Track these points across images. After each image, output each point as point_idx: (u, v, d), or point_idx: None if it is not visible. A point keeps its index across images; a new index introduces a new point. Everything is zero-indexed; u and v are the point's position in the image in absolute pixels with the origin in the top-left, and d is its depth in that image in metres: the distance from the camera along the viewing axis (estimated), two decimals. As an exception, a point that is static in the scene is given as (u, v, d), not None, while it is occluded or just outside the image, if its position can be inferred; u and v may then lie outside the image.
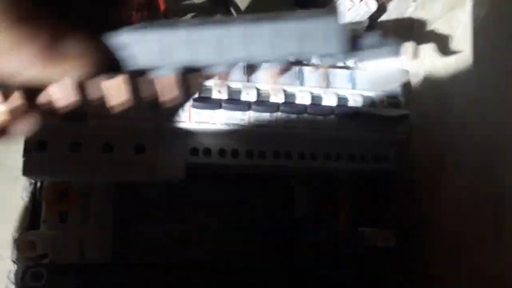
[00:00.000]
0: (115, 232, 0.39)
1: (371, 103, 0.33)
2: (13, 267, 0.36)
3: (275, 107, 0.31)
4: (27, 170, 0.29)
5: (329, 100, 0.32)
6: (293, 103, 0.32)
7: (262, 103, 0.31)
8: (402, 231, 0.39)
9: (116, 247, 0.40)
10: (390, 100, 0.34)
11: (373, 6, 0.40)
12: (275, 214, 0.47)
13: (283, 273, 0.35)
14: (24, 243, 0.29)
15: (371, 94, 0.34)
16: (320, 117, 0.32)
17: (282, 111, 0.32)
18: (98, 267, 0.32)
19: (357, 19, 0.42)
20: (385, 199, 0.43)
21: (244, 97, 0.31)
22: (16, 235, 0.38)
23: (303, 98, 0.32)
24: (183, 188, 0.45)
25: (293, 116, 0.32)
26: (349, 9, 0.42)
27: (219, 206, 0.46)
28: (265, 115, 0.31)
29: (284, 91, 0.32)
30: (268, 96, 0.32)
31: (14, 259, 0.37)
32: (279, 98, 0.32)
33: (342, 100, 0.33)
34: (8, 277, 0.36)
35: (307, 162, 0.34)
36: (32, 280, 0.30)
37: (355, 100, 0.33)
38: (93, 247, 0.38)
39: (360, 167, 0.35)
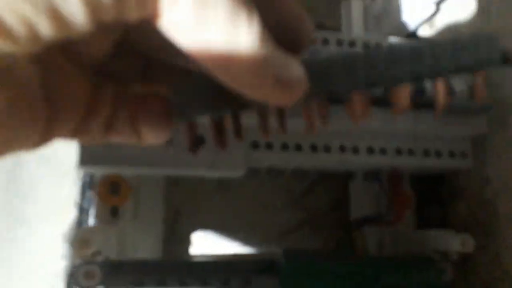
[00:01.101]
0: (165, 228, 0.38)
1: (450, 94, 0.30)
2: (62, 264, 0.35)
3: None
4: (83, 161, 0.27)
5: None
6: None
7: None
8: (473, 234, 0.35)
9: (165, 243, 0.39)
10: (469, 91, 0.31)
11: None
12: (328, 214, 0.45)
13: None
14: (78, 240, 0.27)
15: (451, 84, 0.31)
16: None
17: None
18: (153, 264, 0.31)
19: (425, 4, 0.39)
20: (452, 198, 0.40)
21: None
22: (66, 231, 0.37)
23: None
24: (233, 183, 0.44)
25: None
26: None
27: (270, 203, 0.44)
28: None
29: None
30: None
31: (64, 256, 0.36)
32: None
33: (418, 91, 0.30)
34: (56, 275, 0.35)
35: (375, 158, 0.31)
36: (85, 278, 0.29)
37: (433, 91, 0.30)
38: (144, 243, 0.37)
39: (433, 164, 0.32)
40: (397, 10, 0.42)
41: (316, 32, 0.32)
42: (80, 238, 0.27)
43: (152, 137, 0.16)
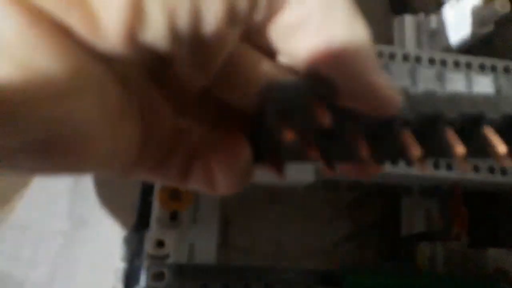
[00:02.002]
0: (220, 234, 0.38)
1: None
2: (121, 266, 0.36)
3: None
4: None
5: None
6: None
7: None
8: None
9: (220, 249, 0.40)
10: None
11: (505, 8, 0.37)
12: (377, 228, 0.45)
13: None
14: (154, 241, 0.28)
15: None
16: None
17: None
18: (218, 269, 0.31)
19: (483, 22, 0.39)
20: (507, 217, 0.40)
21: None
22: (126, 234, 0.38)
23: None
24: (282, 194, 0.44)
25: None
26: (473, 11, 0.40)
27: (319, 215, 0.44)
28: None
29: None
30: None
31: (123, 258, 0.37)
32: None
33: None
34: (115, 275, 0.36)
35: (441, 173, 0.31)
36: (153, 279, 0.29)
37: None
38: (200, 249, 0.37)
39: (498, 181, 0.32)
40: (451, 27, 0.42)
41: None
42: (156, 239, 0.28)
43: (227, 186, 0.15)
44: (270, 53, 0.14)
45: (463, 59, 0.33)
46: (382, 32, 0.50)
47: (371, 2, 0.54)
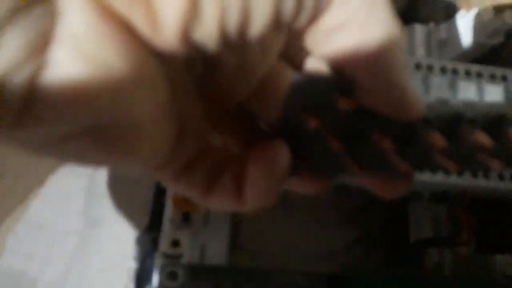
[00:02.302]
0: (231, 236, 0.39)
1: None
2: (133, 265, 0.37)
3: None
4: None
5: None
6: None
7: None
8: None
9: (231, 251, 0.40)
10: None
11: (515, 19, 0.38)
12: (384, 233, 0.45)
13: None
14: (170, 240, 0.29)
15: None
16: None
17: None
18: (231, 270, 0.32)
19: (492, 33, 0.40)
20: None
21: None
22: (139, 234, 0.38)
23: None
24: (290, 198, 0.45)
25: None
26: (482, 23, 0.40)
27: (326, 219, 0.44)
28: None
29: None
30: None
31: (135, 258, 0.37)
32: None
33: None
34: (128, 275, 0.37)
35: (452, 179, 0.32)
36: (168, 278, 0.30)
37: None
38: (212, 250, 0.38)
39: (508, 187, 0.33)
40: (461, 37, 0.43)
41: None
42: (171, 238, 0.28)
43: (256, 201, 0.14)
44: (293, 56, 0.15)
45: (474, 68, 0.34)
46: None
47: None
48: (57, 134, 0.11)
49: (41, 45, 0.09)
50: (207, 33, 0.11)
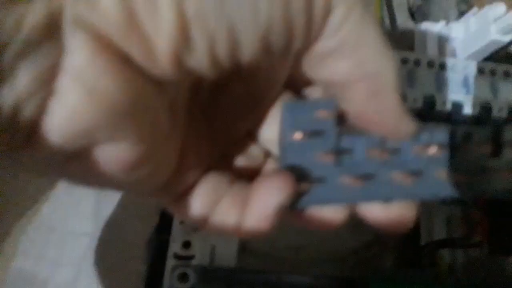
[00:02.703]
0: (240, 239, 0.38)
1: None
2: (143, 268, 0.37)
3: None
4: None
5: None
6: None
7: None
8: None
9: (240, 254, 0.40)
10: None
11: (529, 16, 0.37)
12: (396, 235, 0.45)
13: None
14: (179, 241, 0.28)
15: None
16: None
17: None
18: (243, 272, 0.31)
19: (505, 30, 0.39)
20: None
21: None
22: (148, 235, 0.38)
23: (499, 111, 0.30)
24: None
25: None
26: (495, 20, 0.40)
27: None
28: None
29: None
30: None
31: (144, 259, 0.37)
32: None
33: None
34: (137, 278, 0.37)
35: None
36: (179, 280, 0.30)
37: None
38: (221, 252, 0.38)
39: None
40: (474, 34, 0.42)
41: (393, 51, 0.33)
42: (183, 239, 0.28)
43: (255, 230, 0.14)
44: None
45: (487, 66, 0.33)
46: (403, 40, 0.50)
47: (390, 9, 0.54)
48: (60, 157, 0.12)
49: (49, 77, 0.10)
50: (199, 60, 0.11)
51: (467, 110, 0.30)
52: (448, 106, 0.30)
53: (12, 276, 0.34)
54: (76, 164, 0.12)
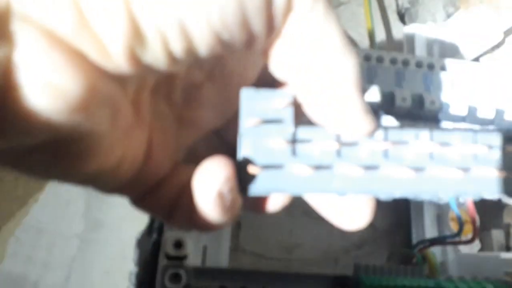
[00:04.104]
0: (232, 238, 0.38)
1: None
2: (134, 269, 0.36)
3: (460, 118, 0.30)
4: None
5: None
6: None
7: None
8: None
9: (232, 253, 0.40)
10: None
11: (513, 18, 0.38)
12: (390, 233, 0.45)
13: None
14: (171, 241, 0.28)
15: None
16: None
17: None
18: (235, 272, 0.31)
19: (490, 31, 0.40)
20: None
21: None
22: (138, 236, 0.38)
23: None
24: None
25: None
26: (480, 22, 0.41)
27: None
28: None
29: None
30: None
31: (135, 261, 0.37)
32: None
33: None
34: (129, 279, 0.36)
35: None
36: (171, 281, 0.30)
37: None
38: (213, 252, 0.37)
39: None
40: (460, 36, 0.43)
41: (383, 52, 0.34)
42: (175, 239, 0.28)
43: (207, 222, 0.14)
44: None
45: (471, 66, 0.34)
46: (392, 41, 0.51)
47: (380, 12, 0.55)
48: (20, 149, 0.12)
49: (4, 70, 0.11)
50: (155, 56, 0.12)
51: (455, 110, 0.31)
52: (436, 105, 0.30)
53: (1, 279, 0.34)
54: (36, 156, 0.12)
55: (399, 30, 0.50)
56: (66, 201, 0.36)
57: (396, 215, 0.45)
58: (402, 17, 0.57)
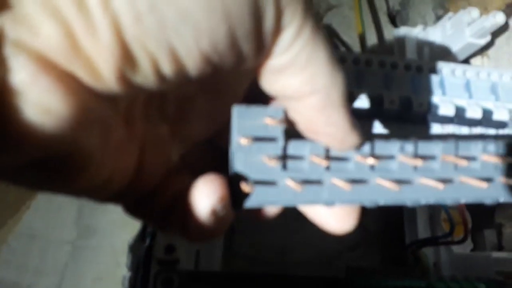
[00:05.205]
0: (225, 242, 0.38)
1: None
2: (127, 274, 0.36)
3: (448, 119, 0.30)
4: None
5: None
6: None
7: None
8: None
9: (225, 257, 0.40)
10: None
11: (501, 20, 0.39)
12: (384, 234, 0.45)
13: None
14: (162, 246, 0.28)
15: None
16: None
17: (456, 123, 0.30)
18: (227, 276, 0.31)
19: (479, 33, 0.40)
20: (508, 221, 0.40)
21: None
22: (131, 241, 0.38)
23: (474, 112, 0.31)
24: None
25: (465, 129, 0.30)
26: (469, 23, 0.41)
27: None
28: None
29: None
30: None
31: (128, 266, 0.37)
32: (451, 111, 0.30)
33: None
34: (122, 284, 0.36)
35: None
36: (163, 285, 0.30)
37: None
38: (206, 256, 0.37)
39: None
40: (449, 39, 0.44)
41: (372, 55, 0.34)
42: (166, 244, 0.28)
43: (201, 233, 0.15)
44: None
45: (460, 68, 0.34)
46: (383, 44, 0.51)
47: (371, 15, 0.55)
48: (11, 166, 0.12)
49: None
50: (145, 77, 0.12)
51: (443, 111, 0.31)
52: (424, 107, 0.31)
53: (-7, 286, 0.34)
54: (27, 172, 0.12)
55: (390, 33, 0.50)
56: (58, 207, 0.36)
57: (389, 216, 0.45)
58: (393, 20, 0.58)
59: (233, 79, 0.16)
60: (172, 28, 0.11)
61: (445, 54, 0.44)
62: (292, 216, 0.44)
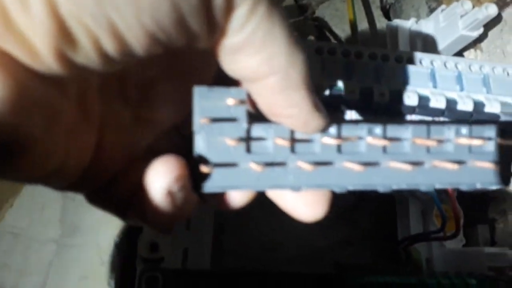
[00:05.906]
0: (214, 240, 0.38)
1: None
2: (113, 273, 0.36)
3: (439, 112, 0.29)
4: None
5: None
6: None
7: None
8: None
9: (214, 254, 0.39)
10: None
11: (493, 12, 0.38)
12: (375, 230, 0.45)
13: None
14: (146, 244, 0.28)
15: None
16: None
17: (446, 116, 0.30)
18: (213, 274, 0.31)
19: (472, 25, 0.39)
20: (500, 216, 0.40)
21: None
22: (118, 239, 0.37)
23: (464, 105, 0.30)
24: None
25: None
26: (462, 16, 0.40)
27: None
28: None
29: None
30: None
31: (112, 264, 0.36)
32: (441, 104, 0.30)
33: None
34: (108, 283, 0.35)
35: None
36: (147, 284, 0.29)
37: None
38: (194, 253, 0.37)
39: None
40: (442, 31, 0.43)
41: (363, 47, 0.33)
42: (150, 242, 0.27)
43: (159, 219, 0.14)
44: None
45: (452, 60, 0.33)
46: (375, 37, 0.51)
47: (364, 8, 0.55)
48: None
49: None
50: (87, 57, 0.11)
51: (434, 103, 0.30)
52: (414, 100, 0.30)
53: (-25, 286, 0.33)
54: None
55: (384, 26, 0.49)
56: (41, 205, 0.35)
57: (381, 212, 0.44)
58: (386, 13, 0.57)
59: (198, 63, 0.16)
60: (109, 3, 0.11)
61: (437, 46, 0.43)
62: (281, 212, 0.43)
